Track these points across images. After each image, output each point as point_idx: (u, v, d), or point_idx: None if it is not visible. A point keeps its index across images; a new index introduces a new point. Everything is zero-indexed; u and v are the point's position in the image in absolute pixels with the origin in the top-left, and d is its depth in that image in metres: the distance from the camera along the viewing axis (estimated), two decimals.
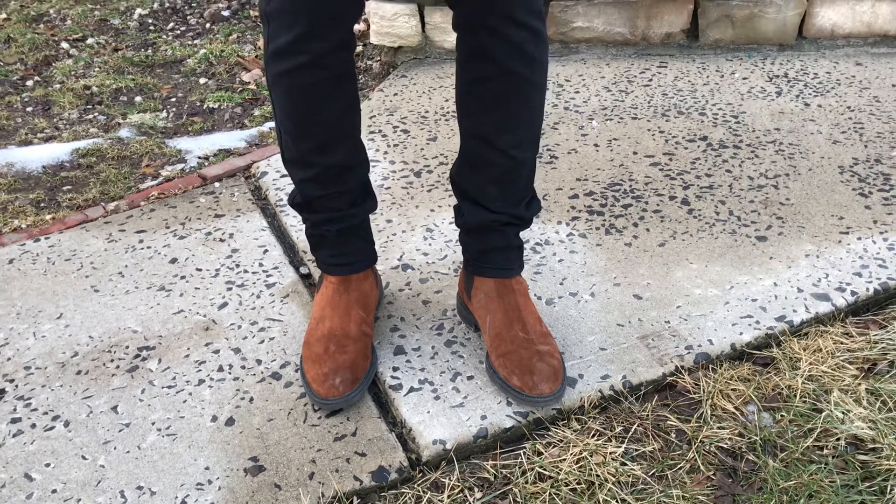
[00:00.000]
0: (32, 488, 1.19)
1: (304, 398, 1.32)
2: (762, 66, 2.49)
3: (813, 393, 1.31)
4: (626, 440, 1.25)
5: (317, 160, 1.25)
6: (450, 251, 1.66)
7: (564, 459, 1.21)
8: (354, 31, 1.25)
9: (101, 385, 1.37)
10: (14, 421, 1.30)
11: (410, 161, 2.00)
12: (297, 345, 1.43)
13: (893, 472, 1.17)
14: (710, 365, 1.38)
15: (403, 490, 1.18)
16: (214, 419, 1.29)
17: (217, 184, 1.97)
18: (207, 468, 1.21)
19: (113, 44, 3.03)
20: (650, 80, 2.41)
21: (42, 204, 1.98)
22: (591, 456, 1.21)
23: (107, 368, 1.40)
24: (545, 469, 1.20)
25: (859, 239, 1.66)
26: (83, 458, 1.23)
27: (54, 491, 1.18)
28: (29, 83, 2.70)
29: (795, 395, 1.31)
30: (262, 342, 1.44)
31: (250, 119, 2.41)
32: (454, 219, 1.38)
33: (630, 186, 1.87)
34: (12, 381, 1.38)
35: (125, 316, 1.52)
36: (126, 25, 3.20)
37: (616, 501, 1.15)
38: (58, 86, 2.67)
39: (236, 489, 1.17)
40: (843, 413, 1.26)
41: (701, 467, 1.20)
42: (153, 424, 1.28)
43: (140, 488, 1.18)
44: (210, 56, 2.85)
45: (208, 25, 3.19)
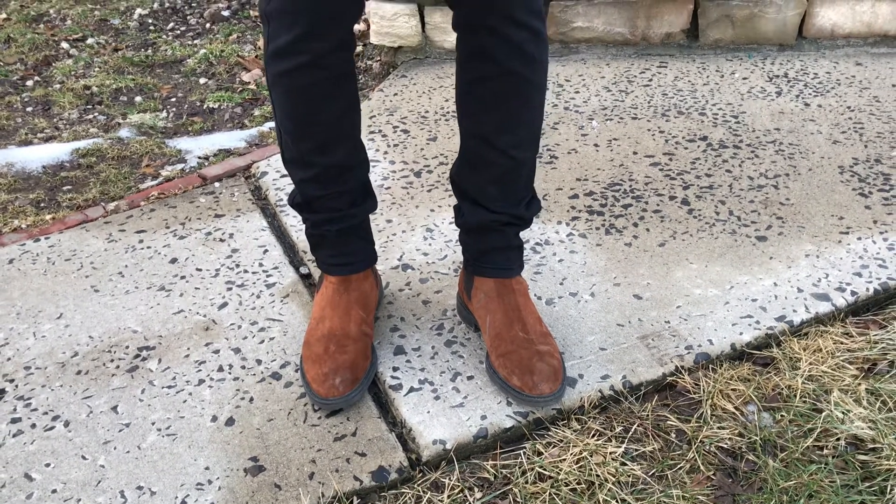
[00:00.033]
0: (32, 488, 1.19)
1: (304, 398, 1.32)
2: (762, 66, 2.49)
3: (813, 393, 1.31)
4: (626, 440, 1.25)
5: (317, 160, 1.25)
6: (450, 251, 1.66)
7: (564, 459, 1.21)
8: (354, 31, 1.25)
9: (101, 385, 1.37)
10: (14, 421, 1.30)
11: (410, 161, 2.00)
12: (297, 345, 1.43)
13: (893, 472, 1.17)
14: (710, 365, 1.38)
15: (403, 490, 1.18)
16: (214, 419, 1.29)
17: (217, 184, 1.97)
18: (207, 468, 1.21)
19: (113, 44, 3.03)
20: (650, 80, 2.41)
21: (42, 204, 1.98)
22: (591, 456, 1.21)
23: (107, 368, 1.40)
24: (545, 469, 1.20)
25: (859, 239, 1.66)
26: (83, 458, 1.23)
27: (54, 491, 1.18)
28: (29, 83, 2.70)
29: (795, 395, 1.31)
30: (262, 342, 1.44)
31: (250, 119, 2.41)
32: (454, 219, 1.38)
33: (630, 186, 1.87)
34: (12, 381, 1.38)
35: (125, 316, 1.52)
36: (126, 25, 3.20)
37: (616, 501, 1.15)
38: (58, 86, 2.67)
39: (236, 489, 1.17)
40: (843, 413, 1.26)
41: (701, 467, 1.20)
42: (153, 424, 1.28)
43: (140, 488, 1.18)
44: (210, 56, 2.85)
45: (208, 25, 3.19)
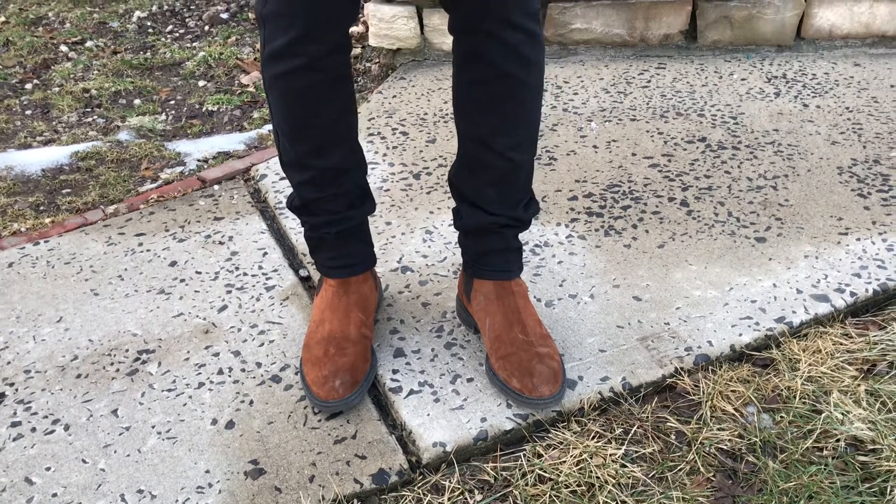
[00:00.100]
0: (33, 492, 1.19)
1: (304, 401, 1.32)
2: (761, 67, 2.49)
3: (812, 394, 1.31)
4: (626, 442, 1.25)
5: (313, 163, 1.25)
6: (449, 253, 1.66)
7: (564, 461, 1.21)
8: (351, 34, 1.25)
9: (101, 388, 1.37)
10: (14, 425, 1.30)
11: (409, 163, 2.00)
12: (297, 347, 1.43)
13: (893, 473, 1.17)
14: (710, 366, 1.38)
15: (404, 492, 1.18)
16: (214, 422, 1.29)
17: (216, 186, 1.97)
18: (208, 471, 1.21)
19: (112, 47, 3.03)
20: (649, 82, 2.41)
21: (41, 207, 1.98)
22: (591, 458, 1.21)
23: (107, 372, 1.40)
24: (545, 471, 1.20)
25: (858, 240, 1.66)
26: (83, 462, 1.23)
27: (55, 495, 1.18)
28: (28, 86, 2.70)
29: (795, 397, 1.31)
30: (262, 345, 1.44)
31: (249, 121, 2.41)
32: (453, 221, 1.38)
33: (629, 188, 1.87)
34: (12, 385, 1.38)
35: (125, 319, 1.52)
36: (125, 28, 3.20)
37: (616, 503, 1.15)
38: (57, 89, 2.67)
39: (237, 492, 1.17)
40: (843, 414, 1.26)
41: (701, 469, 1.20)
42: (153, 428, 1.28)
43: (140, 492, 1.18)
44: (209, 59, 2.85)
45: (207, 28, 3.19)
